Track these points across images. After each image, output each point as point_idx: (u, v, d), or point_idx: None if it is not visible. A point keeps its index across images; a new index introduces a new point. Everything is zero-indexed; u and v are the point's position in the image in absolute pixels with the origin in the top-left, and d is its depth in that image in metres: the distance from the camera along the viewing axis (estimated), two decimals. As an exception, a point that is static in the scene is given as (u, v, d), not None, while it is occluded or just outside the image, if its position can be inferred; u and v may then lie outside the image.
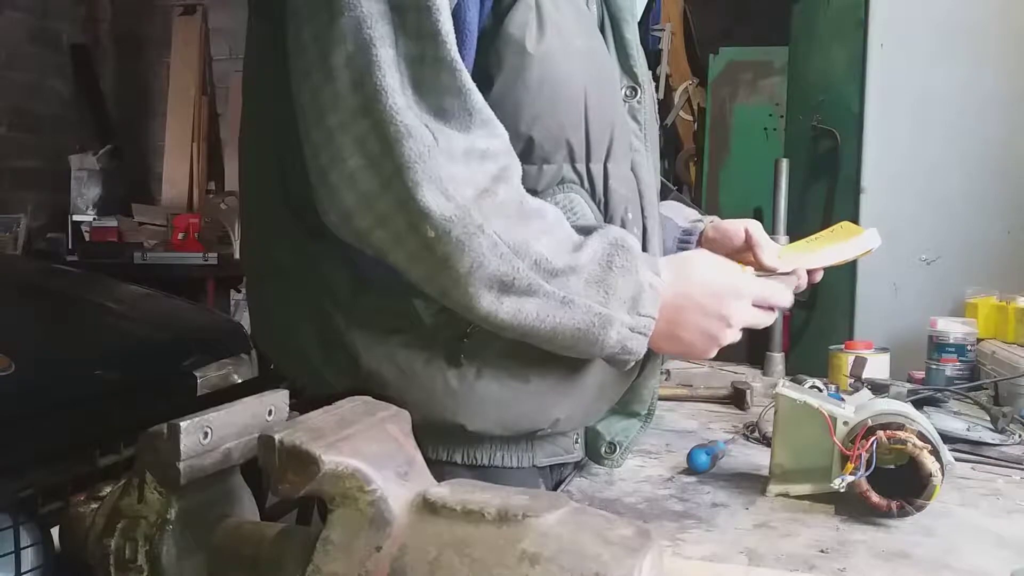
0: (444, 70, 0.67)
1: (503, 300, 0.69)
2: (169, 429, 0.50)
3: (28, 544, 1.01)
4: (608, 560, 0.45)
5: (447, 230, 0.66)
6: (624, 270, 0.74)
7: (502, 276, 0.69)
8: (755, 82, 3.65)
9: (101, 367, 1.33)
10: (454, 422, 0.77)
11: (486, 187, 0.68)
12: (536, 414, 0.80)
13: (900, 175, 2.05)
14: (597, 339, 0.73)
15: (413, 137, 0.65)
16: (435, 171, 0.66)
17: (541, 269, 0.70)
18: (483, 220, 0.67)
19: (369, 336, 0.76)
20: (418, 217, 0.66)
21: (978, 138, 2.02)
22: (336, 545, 0.48)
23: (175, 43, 4.39)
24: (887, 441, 0.78)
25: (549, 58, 0.74)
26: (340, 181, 0.67)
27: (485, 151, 0.69)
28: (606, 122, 0.79)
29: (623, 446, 0.88)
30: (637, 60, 0.84)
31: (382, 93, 0.65)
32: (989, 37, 2.03)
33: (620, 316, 0.74)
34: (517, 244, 0.69)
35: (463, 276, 0.68)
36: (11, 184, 4.01)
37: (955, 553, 0.74)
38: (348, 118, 0.66)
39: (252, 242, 0.87)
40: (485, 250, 0.67)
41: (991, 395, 1.33)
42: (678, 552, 0.73)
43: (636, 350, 0.76)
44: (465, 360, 0.76)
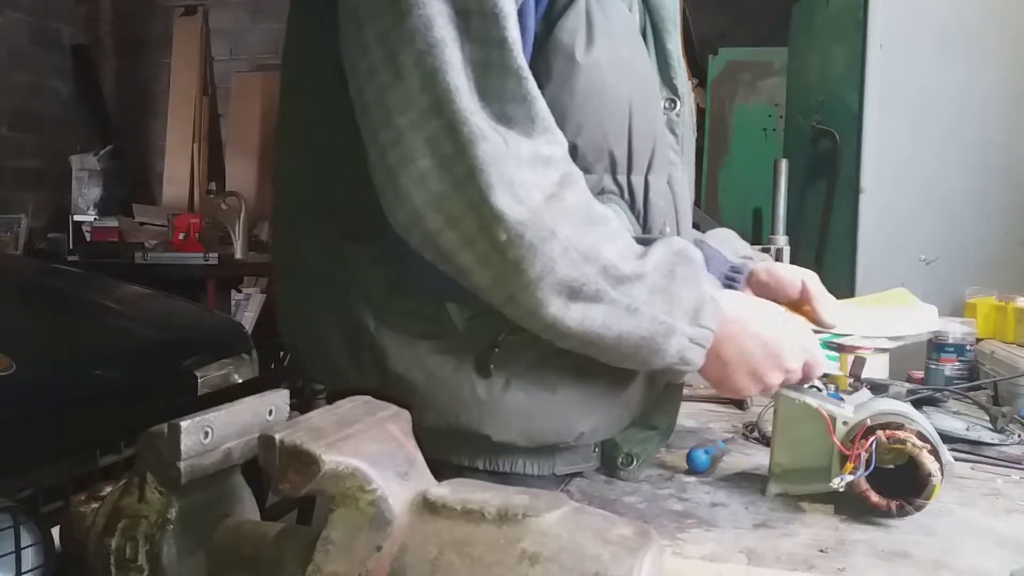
0: (510, 77, 0.67)
1: (570, 306, 0.68)
2: (170, 429, 0.50)
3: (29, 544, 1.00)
4: (608, 560, 0.45)
5: (520, 233, 0.65)
6: (687, 280, 0.73)
7: (571, 282, 0.68)
8: (754, 82, 3.65)
9: (101, 367, 1.33)
10: (479, 432, 0.76)
11: (554, 192, 0.67)
12: (562, 427, 0.79)
13: (899, 175, 2.06)
14: (659, 348, 0.72)
15: (487, 139, 0.65)
16: (507, 174, 0.65)
17: (609, 275, 0.69)
18: (555, 225, 0.66)
19: (399, 340, 0.76)
20: (491, 219, 0.65)
21: (977, 138, 2.03)
22: (336, 545, 0.48)
23: (176, 43, 4.39)
24: (886, 441, 0.79)
25: (597, 67, 0.73)
26: (410, 182, 0.66)
27: (548, 157, 0.68)
28: (648, 134, 0.79)
29: (640, 459, 0.88)
30: (677, 71, 0.83)
31: (454, 93, 0.65)
32: (988, 37, 2.03)
33: (682, 326, 0.73)
34: (587, 250, 0.68)
35: (533, 281, 0.67)
36: (12, 184, 4.01)
37: (954, 553, 0.74)
38: (419, 118, 0.65)
39: (283, 240, 0.86)
40: (556, 255, 0.67)
41: (990, 395, 1.33)
42: (678, 552, 0.73)
43: (694, 361, 0.75)
44: (494, 370, 0.75)
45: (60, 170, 4.18)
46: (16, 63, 4.01)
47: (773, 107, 3.50)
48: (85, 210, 4.09)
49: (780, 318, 0.83)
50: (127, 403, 1.27)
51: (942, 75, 2.03)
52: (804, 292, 0.94)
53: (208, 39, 4.42)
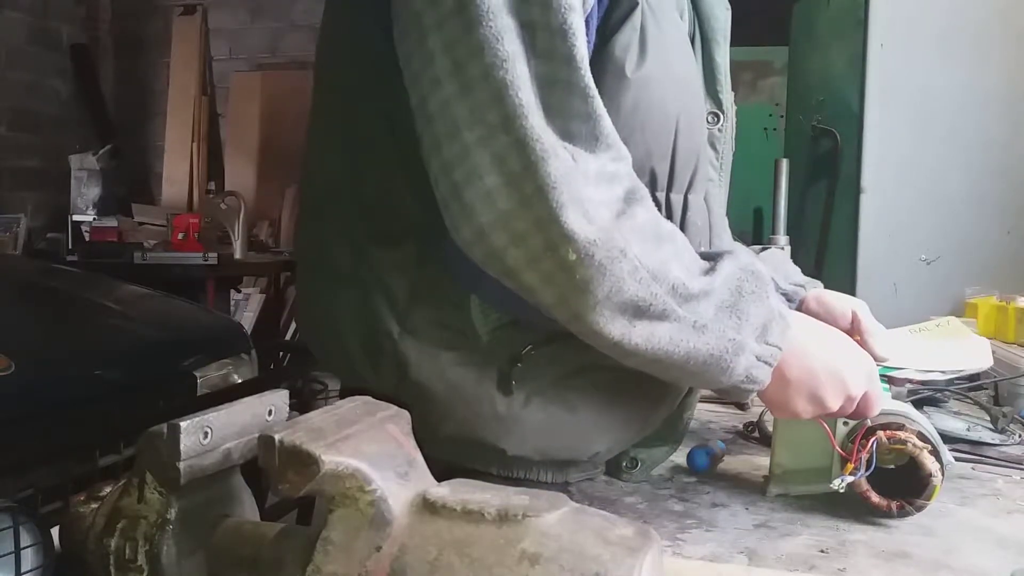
0: (576, 95, 0.65)
1: (636, 324, 0.67)
2: (169, 429, 0.50)
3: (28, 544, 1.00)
4: (608, 560, 0.45)
5: (590, 253, 0.63)
6: (755, 296, 0.71)
7: (639, 301, 0.66)
8: (755, 82, 3.65)
9: (101, 367, 1.33)
10: (495, 446, 0.76)
11: (622, 209, 0.66)
12: (577, 446, 0.79)
13: (900, 175, 2.06)
14: (728, 366, 0.70)
15: (558, 157, 0.63)
16: (576, 192, 0.63)
17: (678, 294, 0.67)
18: (624, 244, 0.65)
19: (421, 348, 0.75)
20: (560, 238, 0.63)
21: (978, 138, 2.03)
22: (336, 545, 0.47)
23: (175, 43, 4.39)
24: (887, 441, 0.78)
25: (646, 83, 0.72)
26: (476, 199, 0.65)
27: (614, 174, 0.67)
28: (692, 151, 0.77)
29: (645, 464, 0.88)
30: (723, 85, 0.82)
31: (524, 109, 0.63)
32: (989, 37, 2.03)
33: (750, 344, 0.70)
34: (656, 269, 0.66)
35: (600, 301, 0.65)
36: (11, 184, 4.01)
37: (955, 553, 0.74)
38: (487, 134, 0.64)
39: (309, 234, 0.85)
40: (626, 275, 0.65)
41: (991, 395, 1.33)
42: (678, 552, 0.73)
43: (761, 379, 0.72)
44: (515, 385, 0.74)
45: (59, 170, 4.19)
46: (15, 62, 4.01)
47: (774, 107, 3.50)
48: (84, 210, 4.09)
49: (848, 343, 0.79)
50: (126, 403, 1.27)
51: (943, 74, 2.03)
52: (855, 323, 0.90)
53: (207, 39, 4.42)
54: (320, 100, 0.83)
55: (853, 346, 0.80)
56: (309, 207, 0.85)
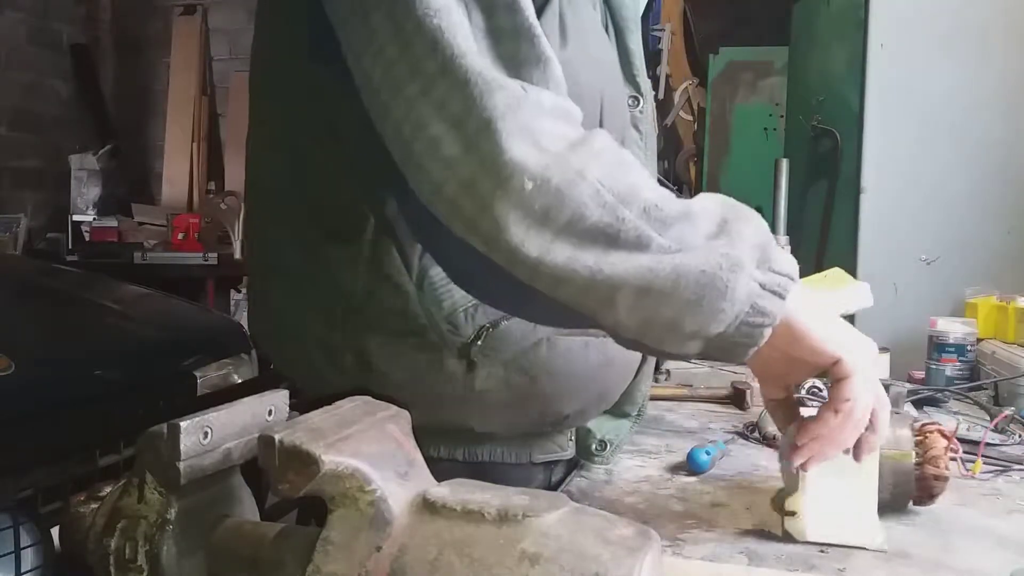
0: (523, 39, 0.63)
1: (609, 254, 0.59)
2: (169, 429, 0.50)
3: (28, 544, 1.01)
4: (608, 560, 0.45)
5: (546, 177, 0.58)
6: (742, 220, 0.63)
7: (605, 227, 0.59)
8: (755, 82, 3.65)
9: (101, 367, 1.33)
10: (463, 425, 0.77)
11: (579, 139, 0.61)
12: (545, 411, 0.80)
13: (900, 175, 2.06)
14: (726, 287, 0.59)
15: (502, 89, 0.60)
16: (527, 122, 0.60)
17: (652, 217, 0.60)
18: (583, 166, 0.59)
19: (380, 339, 0.76)
20: (511, 171, 0.59)
21: (978, 138, 2.03)
22: (336, 545, 0.47)
23: (175, 43, 4.40)
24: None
25: (570, 65, 0.71)
26: (424, 153, 0.62)
27: (569, 111, 0.64)
28: (618, 130, 0.78)
29: (613, 444, 0.89)
30: (639, 69, 0.83)
31: (459, 51, 0.61)
32: (989, 37, 2.03)
33: (749, 266, 0.60)
34: (623, 191, 0.60)
35: (562, 231, 0.59)
36: (11, 184, 4.01)
37: (955, 553, 0.74)
38: (427, 83, 0.61)
39: (259, 242, 0.86)
40: (587, 199, 0.59)
41: (991, 395, 1.33)
42: (678, 552, 0.73)
43: (770, 312, 0.60)
44: (476, 363, 0.76)
45: (59, 170, 4.19)
46: (15, 63, 4.01)
47: (774, 107, 3.50)
48: (84, 210, 4.10)
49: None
50: (126, 403, 1.27)
51: (943, 75, 2.03)
52: None
53: (207, 38, 4.42)
54: (259, 106, 0.83)
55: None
56: (256, 212, 0.86)
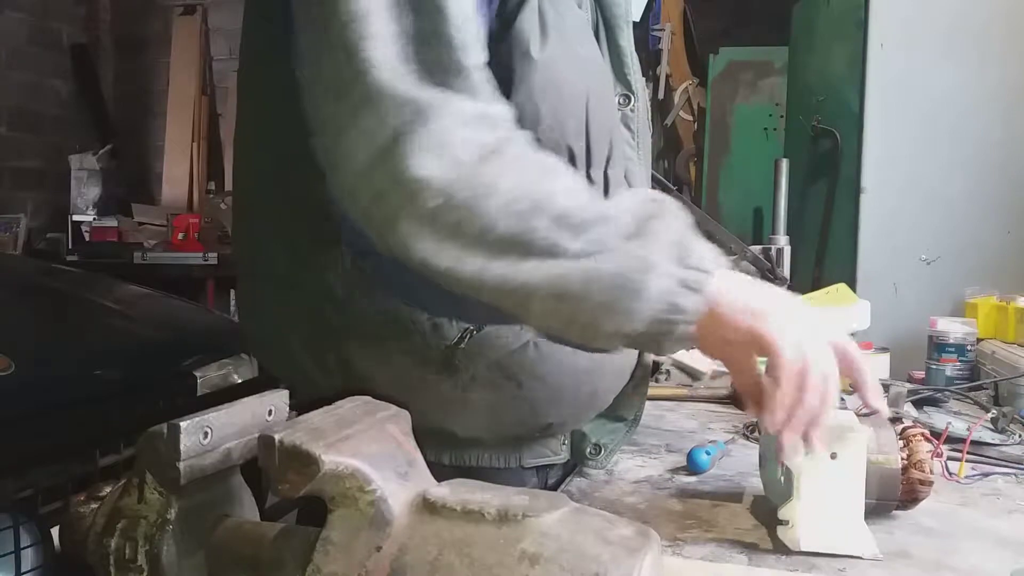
0: (444, 48, 0.63)
1: (521, 265, 0.61)
2: (169, 429, 0.50)
3: (28, 544, 1.00)
4: (608, 560, 0.45)
5: (451, 194, 0.60)
6: (662, 219, 0.64)
7: (516, 237, 0.61)
8: (755, 82, 3.65)
9: (101, 367, 1.32)
10: (445, 428, 0.76)
11: (494, 147, 0.62)
12: (529, 419, 0.79)
13: (900, 175, 2.06)
14: (638, 289, 0.60)
15: (412, 102, 0.61)
16: (433, 137, 0.61)
17: (565, 225, 0.61)
18: (493, 179, 0.61)
19: (364, 340, 0.75)
20: (416, 187, 0.60)
21: (979, 138, 2.03)
22: (336, 545, 0.47)
23: (175, 43, 4.40)
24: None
25: (552, 63, 0.73)
26: (340, 158, 0.64)
27: (495, 116, 0.65)
28: (606, 128, 0.78)
29: (608, 448, 0.88)
30: (631, 67, 0.83)
31: (370, 64, 0.62)
32: (990, 37, 2.03)
33: (664, 264, 0.61)
34: (535, 200, 0.61)
35: (472, 241, 0.61)
36: (11, 184, 4.01)
37: (955, 553, 0.74)
38: (344, 91, 0.63)
39: (245, 243, 0.86)
40: (495, 211, 0.60)
41: (991, 395, 1.33)
42: (678, 552, 0.73)
43: (687, 308, 0.61)
44: (459, 366, 0.75)
45: (59, 170, 4.19)
46: (15, 63, 4.01)
47: (774, 106, 3.51)
48: (84, 210, 4.10)
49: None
50: (126, 403, 1.27)
51: (943, 74, 2.03)
52: None
53: (207, 38, 4.43)
54: (244, 107, 0.84)
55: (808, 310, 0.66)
56: (242, 212, 0.86)
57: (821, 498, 0.72)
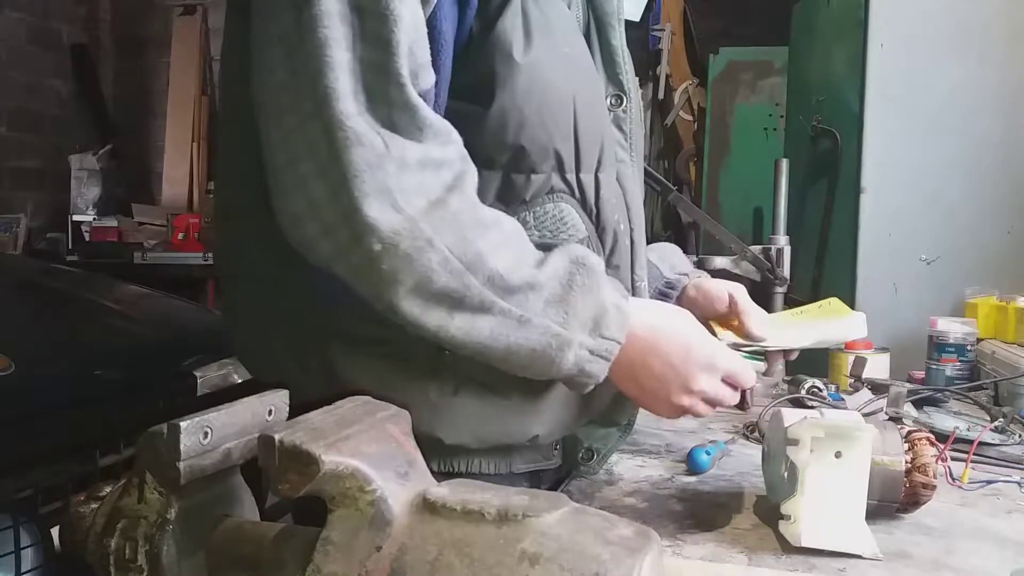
0: (392, 83, 0.65)
1: (454, 316, 0.67)
2: (169, 429, 0.50)
3: (28, 544, 1.00)
4: (608, 560, 0.45)
5: (395, 243, 0.63)
6: (585, 289, 0.71)
7: (451, 292, 0.66)
8: (755, 82, 3.65)
9: (101, 367, 1.32)
10: (431, 435, 0.75)
11: (438, 197, 0.65)
12: (514, 429, 0.78)
13: (900, 175, 2.06)
14: (553, 361, 0.70)
15: (363, 145, 0.63)
16: (384, 182, 0.63)
17: (495, 285, 0.67)
18: (433, 234, 0.64)
19: (347, 345, 0.75)
20: (363, 229, 0.63)
21: (978, 137, 2.03)
22: (336, 545, 0.47)
23: (175, 43, 4.39)
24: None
25: (537, 66, 0.72)
26: (292, 185, 0.65)
27: (441, 161, 0.66)
28: (596, 131, 0.77)
29: (600, 453, 0.87)
30: (623, 68, 0.82)
31: (332, 95, 0.63)
32: (989, 36, 2.03)
33: (579, 337, 0.70)
34: (470, 259, 0.66)
35: (410, 292, 0.65)
36: (11, 184, 4.01)
37: (955, 553, 0.74)
38: (303, 120, 0.64)
39: (227, 243, 0.85)
40: (435, 265, 0.65)
41: (991, 395, 1.33)
42: (678, 552, 0.72)
43: (595, 373, 0.73)
44: (445, 373, 0.74)
45: (59, 170, 4.18)
46: (15, 63, 4.01)
47: (774, 106, 3.51)
48: (84, 210, 4.09)
49: (691, 331, 0.79)
50: (126, 403, 1.26)
51: (943, 74, 2.03)
52: (732, 306, 0.94)
53: (207, 38, 4.42)
54: (225, 106, 0.84)
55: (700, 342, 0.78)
56: (224, 213, 0.85)
57: (824, 496, 0.72)
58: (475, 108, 0.72)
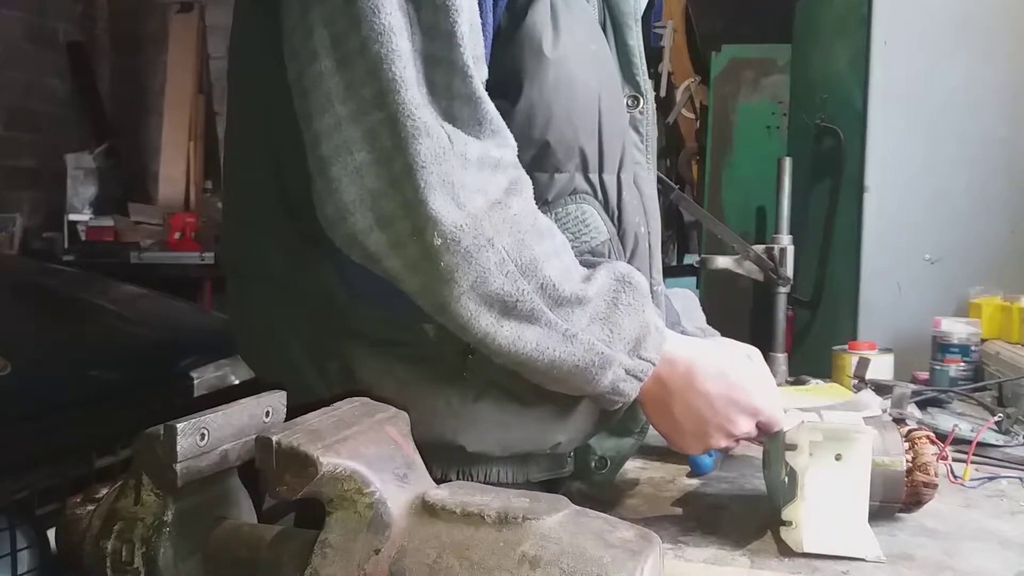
0: (456, 74, 0.64)
1: (503, 323, 0.66)
2: (166, 430, 0.50)
3: (24, 546, 1.00)
4: (609, 563, 0.45)
5: (456, 239, 0.62)
6: (631, 308, 0.71)
7: (505, 296, 0.65)
8: (758, 80, 3.64)
9: (97, 368, 1.32)
10: (454, 443, 0.73)
11: (498, 199, 0.65)
12: (537, 437, 0.77)
13: (904, 174, 2.05)
14: (593, 378, 0.70)
15: (430, 136, 0.62)
16: (449, 175, 0.62)
17: (547, 295, 0.67)
18: (494, 233, 0.63)
19: (367, 348, 0.73)
20: (425, 222, 0.61)
21: (982, 136, 2.02)
22: (334, 548, 0.47)
23: (172, 41, 4.39)
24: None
25: (565, 61, 0.71)
26: (343, 174, 0.63)
27: (498, 161, 0.66)
28: (618, 130, 0.77)
29: (614, 462, 0.86)
30: (640, 68, 0.81)
31: (399, 84, 0.61)
32: (993, 34, 2.02)
33: (620, 357, 0.70)
34: (526, 264, 0.65)
35: (465, 292, 0.64)
36: (7, 183, 4.00)
37: (958, 555, 0.73)
38: (360, 108, 0.62)
39: (237, 243, 0.83)
40: (492, 266, 0.63)
41: (995, 396, 1.32)
42: (679, 555, 0.72)
43: (627, 393, 0.73)
44: (468, 379, 0.73)
45: (55, 169, 4.17)
46: (11, 61, 4.00)
47: (777, 104, 3.50)
48: (80, 209, 4.08)
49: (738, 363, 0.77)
50: (123, 404, 1.26)
51: (947, 72, 2.02)
52: None
53: (204, 36, 4.41)
54: (237, 102, 0.82)
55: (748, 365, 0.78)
56: (234, 211, 0.83)
57: (825, 500, 0.72)
58: (502, 103, 0.70)
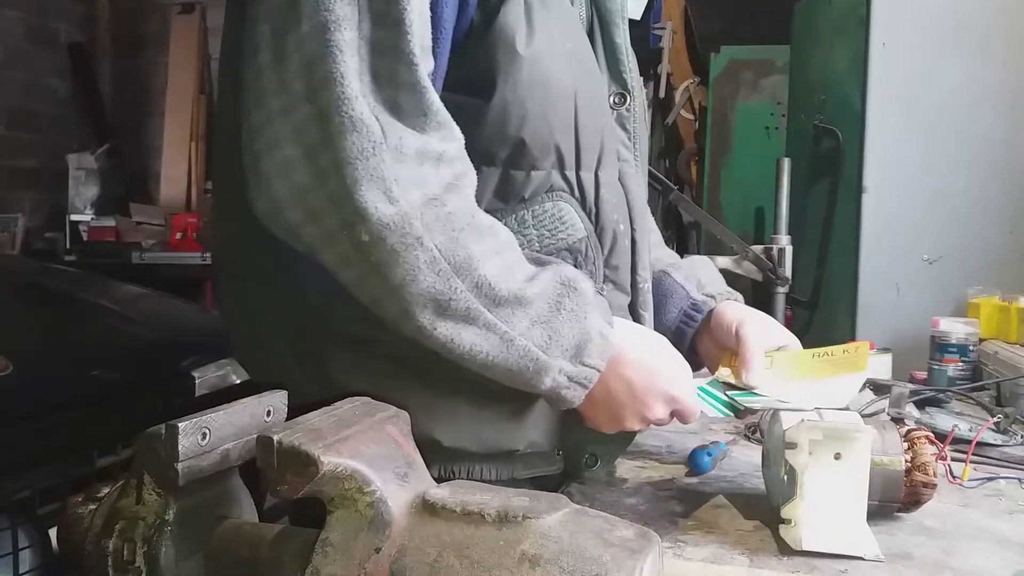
0: (402, 62, 0.63)
1: (438, 322, 0.65)
2: (167, 430, 0.50)
3: (26, 545, 1.00)
4: (609, 562, 0.45)
5: (382, 236, 0.61)
6: (572, 315, 0.70)
7: (437, 295, 0.64)
8: (757, 81, 3.65)
9: (99, 368, 1.32)
10: (430, 437, 0.73)
11: (435, 195, 0.64)
12: (512, 434, 0.77)
13: (902, 174, 2.05)
14: (529, 382, 0.70)
15: (360, 130, 0.61)
16: (379, 170, 0.61)
17: (483, 294, 0.66)
18: (424, 231, 0.63)
19: (340, 345, 0.73)
20: (354, 216, 0.61)
21: (981, 137, 2.02)
22: (335, 547, 0.47)
23: (173, 42, 4.39)
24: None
25: (539, 58, 0.71)
26: (273, 169, 0.63)
27: (440, 155, 0.65)
28: (596, 128, 0.76)
29: (604, 459, 0.85)
30: (627, 66, 0.81)
31: (333, 81, 0.61)
32: (991, 35, 2.03)
33: (559, 363, 0.70)
34: (460, 262, 0.64)
35: (394, 288, 0.64)
36: (8, 183, 4.01)
37: (957, 554, 0.73)
38: (291, 103, 0.62)
39: (224, 242, 0.84)
40: (422, 264, 0.63)
41: (993, 396, 1.33)
42: (679, 554, 0.72)
43: (571, 399, 0.73)
44: (440, 374, 0.72)
45: (57, 169, 4.18)
46: (13, 62, 4.00)
47: (775, 105, 3.50)
48: (82, 209, 4.09)
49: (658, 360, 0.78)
50: (124, 404, 1.26)
51: (945, 73, 2.02)
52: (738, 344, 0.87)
53: (206, 37, 4.42)
54: (222, 101, 0.82)
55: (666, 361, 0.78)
56: (222, 211, 0.84)
57: (824, 498, 0.72)
58: (475, 101, 0.71)
